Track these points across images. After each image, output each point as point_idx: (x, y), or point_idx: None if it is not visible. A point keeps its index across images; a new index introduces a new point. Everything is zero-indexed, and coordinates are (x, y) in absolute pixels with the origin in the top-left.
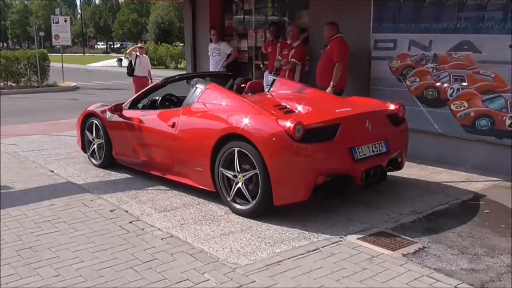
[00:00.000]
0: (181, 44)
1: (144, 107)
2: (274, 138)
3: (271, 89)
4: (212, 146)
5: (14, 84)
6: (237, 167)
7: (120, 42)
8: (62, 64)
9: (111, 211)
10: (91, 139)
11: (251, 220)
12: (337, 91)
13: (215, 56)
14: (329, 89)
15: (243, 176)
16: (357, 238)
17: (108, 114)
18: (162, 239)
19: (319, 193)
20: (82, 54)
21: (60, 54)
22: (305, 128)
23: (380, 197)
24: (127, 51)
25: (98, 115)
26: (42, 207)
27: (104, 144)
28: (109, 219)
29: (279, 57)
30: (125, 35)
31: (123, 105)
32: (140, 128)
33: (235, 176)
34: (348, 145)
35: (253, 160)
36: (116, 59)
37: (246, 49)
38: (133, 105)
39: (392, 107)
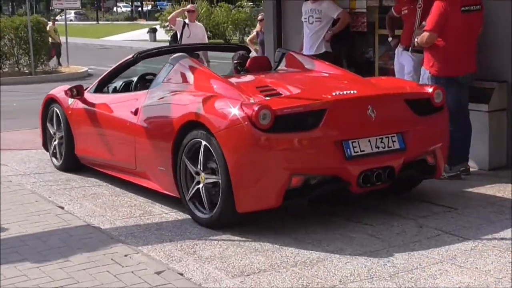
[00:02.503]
0: (250, 4)
1: (115, 91)
2: (233, 126)
3: (279, 66)
4: (173, 138)
5: None
6: (200, 164)
7: (153, 2)
8: (67, 38)
9: (157, 273)
10: (52, 132)
11: None
12: (438, 78)
13: (314, 22)
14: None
15: (205, 176)
16: None
17: (70, 99)
18: None
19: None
20: (95, 22)
21: (63, 23)
22: (276, 114)
23: None
24: (169, 17)
25: (60, 101)
26: (51, 264)
27: (65, 139)
28: (155, 287)
29: (424, 23)
30: None
31: (88, 89)
32: (101, 117)
33: (197, 174)
34: (337, 137)
35: (214, 155)
36: (147, 29)
37: (364, 10)
38: (101, 88)
39: (428, 90)
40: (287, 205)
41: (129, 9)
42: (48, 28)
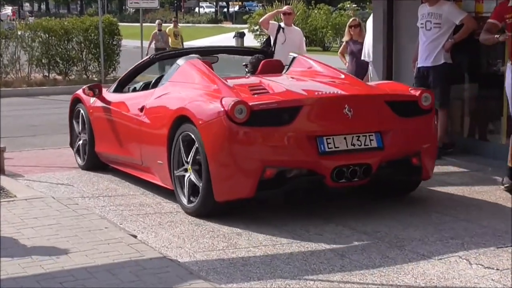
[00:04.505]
0: (354, 6)
1: (135, 91)
2: (212, 120)
3: (289, 69)
4: (168, 132)
5: (60, 77)
6: (184, 156)
7: (240, 3)
8: (142, 43)
9: None
10: (77, 131)
11: None
12: None
13: (432, 28)
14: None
15: (192, 166)
16: None
17: (91, 99)
18: None
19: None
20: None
21: (138, 24)
22: (252, 109)
23: None
24: (261, 19)
25: (83, 101)
26: None
27: (88, 137)
28: None
29: None
30: None
31: (108, 89)
32: (115, 115)
33: (185, 170)
34: (312, 133)
35: (198, 147)
36: (234, 33)
37: None
38: (120, 88)
39: (415, 93)
40: (261, 196)
41: (213, 10)
42: (167, 30)
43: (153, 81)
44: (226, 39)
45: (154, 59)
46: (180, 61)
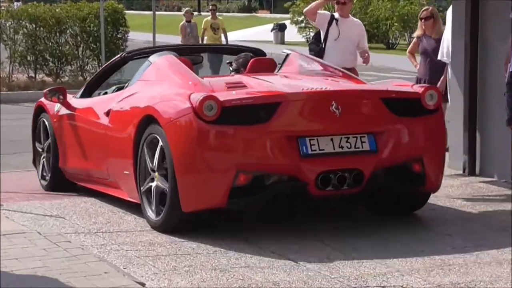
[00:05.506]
0: None
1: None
2: (178, 118)
3: (282, 68)
4: (133, 136)
5: (49, 79)
6: (154, 161)
7: None
8: (154, 36)
9: None
10: (40, 147)
11: None
12: None
13: None
14: None
15: (159, 174)
16: None
17: (56, 106)
18: None
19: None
20: (197, 13)
21: (150, 13)
22: (223, 105)
23: None
24: (306, 9)
25: (47, 109)
26: None
27: (52, 152)
28: None
29: None
30: None
31: (75, 94)
32: (80, 122)
33: (152, 179)
34: (292, 133)
35: (164, 150)
36: (272, 26)
37: None
38: (89, 92)
39: (418, 90)
40: (234, 205)
41: None
42: (203, 22)
43: (126, 84)
44: (263, 32)
45: (127, 58)
46: (152, 58)
